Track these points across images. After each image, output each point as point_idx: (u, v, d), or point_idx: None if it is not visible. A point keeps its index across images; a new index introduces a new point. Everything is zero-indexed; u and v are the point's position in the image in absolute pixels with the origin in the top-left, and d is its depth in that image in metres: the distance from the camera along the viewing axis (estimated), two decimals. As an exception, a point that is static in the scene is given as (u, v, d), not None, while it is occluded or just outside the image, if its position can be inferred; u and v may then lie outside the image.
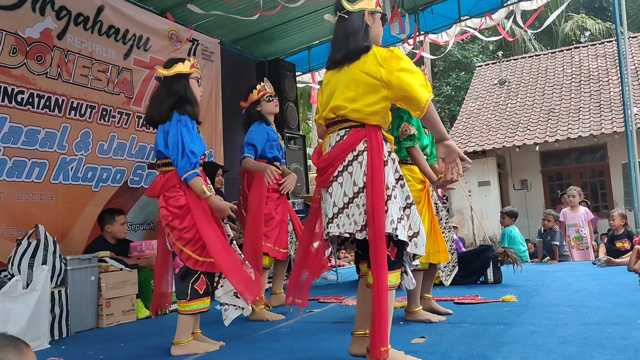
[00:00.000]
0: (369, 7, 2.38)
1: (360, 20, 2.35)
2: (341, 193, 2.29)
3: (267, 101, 3.95)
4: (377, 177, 2.22)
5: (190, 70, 3.02)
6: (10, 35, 4.19)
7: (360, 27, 2.34)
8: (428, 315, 3.37)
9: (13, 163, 4.17)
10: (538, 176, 13.41)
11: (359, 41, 2.32)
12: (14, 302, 3.17)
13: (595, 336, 2.69)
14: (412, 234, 2.28)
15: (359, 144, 2.29)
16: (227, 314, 2.96)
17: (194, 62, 3.08)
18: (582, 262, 6.83)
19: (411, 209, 2.32)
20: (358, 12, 2.37)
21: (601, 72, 14.23)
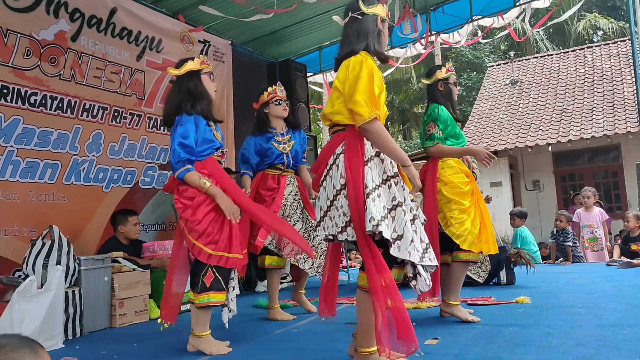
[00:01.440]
0: (382, 14, 2.42)
1: (374, 24, 2.40)
2: (325, 196, 2.34)
3: (275, 104, 3.96)
4: (354, 176, 2.22)
5: (200, 66, 3.02)
6: (24, 38, 4.23)
7: (374, 30, 2.39)
8: (464, 313, 3.35)
9: (26, 164, 4.21)
10: (551, 177, 13.31)
11: (376, 43, 2.38)
12: (29, 302, 3.19)
13: (611, 338, 2.66)
14: (395, 236, 2.21)
15: (338, 147, 2.32)
16: (225, 316, 3.01)
17: (204, 59, 3.08)
18: (596, 264, 6.76)
19: (396, 211, 2.24)
20: (372, 15, 2.40)
21: (614, 72, 14.09)
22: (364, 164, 2.25)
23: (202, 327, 2.91)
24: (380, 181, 2.26)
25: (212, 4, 5.59)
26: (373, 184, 2.23)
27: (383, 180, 2.28)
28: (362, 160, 2.25)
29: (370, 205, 2.16)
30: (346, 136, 2.31)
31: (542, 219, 12.09)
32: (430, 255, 2.28)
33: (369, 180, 2.22)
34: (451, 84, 3.56)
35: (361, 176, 2.22)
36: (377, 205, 2.18)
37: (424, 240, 2.30)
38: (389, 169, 2.31)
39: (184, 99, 2.95)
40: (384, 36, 2.44)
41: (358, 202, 2.19)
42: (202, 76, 3.02)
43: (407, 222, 2.22)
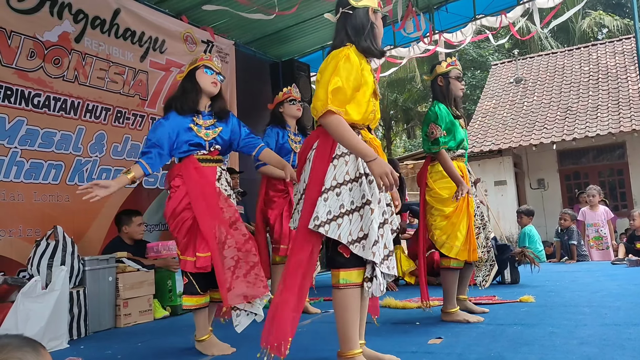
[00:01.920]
0: (373, 5, 2.34)
1: (366, 16, 2.32)
2: (298, 189, 2.36)
3: (290, 103, 4.05)
4: (314, 174, 2.21)
5: (197, 63, 3.03)
6: (28, 39, 4.24)
7: (366, 23, 2.31)
8: (465, 316, 3.33)
9: (30, 165, 4.23)
10: (555, 175, 13.26)
11: (369, 36, 2.30)
12: (34, 302, 3.21)
13: (615, 337, 2.65)
14: (362, 235, 2.14)
15: (314, 143, 2.30)
16: (239, 319, 2.88)
17: (204, 56, 3.08)
18: (601, 262, 6.74)
19: (364, 209, 2.16)
20: (363, 8, 2.32)
21: (619, 70, 14.03)
22: (328, 161, 2.20)
23: (198, 330, 2.93)
24: (350, 178, 2.20)
25: (215, 4, 5.60)
26: (335, 181, 2.18)
27: (355, 177, 2.20)
28: (327, 158, 2.21)
29: (319, 204, 2.14)
30: (321, 132, 2.27)
31: (547, 218, 12.05)
32: (390, 264, 2.21)
33: (328, 178, 2.18)
34: (452, 78, 3.46)
35: (322, 174, 2.19)
36: (328, 205, 2.14)
37: (388, 247, 2.23)
38: (365, 167, 2.22)
39: (177, 97, 3.03)
40: (378, 28, 2.36)
41: (312, 199, 2.17)
42: (197, 72, 3.02)
43: (374, 223, 2.15)
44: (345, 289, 2.20)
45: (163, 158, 2.93)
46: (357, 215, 2.17)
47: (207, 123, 3.00)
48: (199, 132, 2.95)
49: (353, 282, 2.20)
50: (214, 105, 3.08)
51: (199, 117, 2.98)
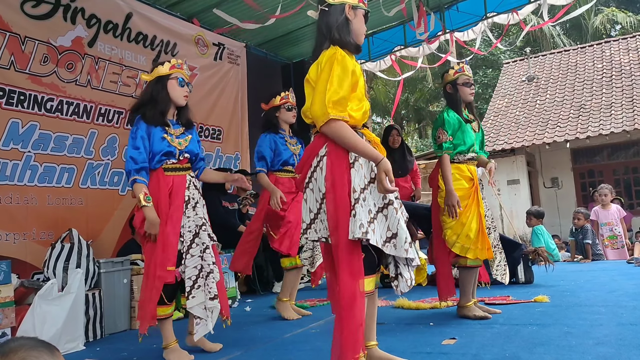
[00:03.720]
0: (351, 1, 2.31)
1: (342, 13, 2.29)
2: (313, 199, 2.28)
3: (287, 109, 4.01)
4: (339, 182, 2.15)
5: (169, 71, 2.98)
6: (42, 44, 4.30)
7: (343, 20, 2.28)
8: (477, 311, 3.39)
9: (44, 169, 4.28)
10: (569, 174, 13.14)
11: (343, 33, 2.27)
12: (50, 305, 3.25)
13: (631, 337, 2.62)
14: (390, 235, 2.16)
15: (320, 149, 2.24)
16: (197, 328, 2.94)
17: (175, 63, 3.03)
18: (616, 261, 6.66)
19: (388, 209, 2.17)
20: (339, 5, 2.29)
21: (633, 67, 13.87)
22: (349, 167, 2.17)
23: (164, 339, 2.96)
24: (367, 182, 2.19)
25: (225, 7, 5.63)
26: (360, 186, 2.15)
27: (371, 179, 2.20)
28: (346, 164, 2.17)
29: (359, 211, 2.10)
30: (327, 138, 2.22)
31: (561, 217, 11.95)
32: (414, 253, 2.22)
33: (356, 183, 2.15)
34: (460, 85, 3.50)
35: (347, 180, 2.15)
36: (364, 210, 2.12)
37: (408, 240, 2.22)
38: (375, 166, 2.20)
39: (145, 103, 2.97)
40: (355, 24, 2.31)
41: (343, 207, 2.12)
42: (169, 82, 2.97)
43: (400, 220, 2.16)
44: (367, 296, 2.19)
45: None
46: (381, 216, 2.17)
47: (177, 132, 2.99)
48: (172, 141, 2.95)
49: (367, 291, 2.18)
50: (182, 114, 3.07)
51: (169, 126, 2.98)
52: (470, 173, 3.45)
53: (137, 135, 2.89)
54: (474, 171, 3.51)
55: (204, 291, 2.92)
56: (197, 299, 2.90)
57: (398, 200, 2.31)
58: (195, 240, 2.95)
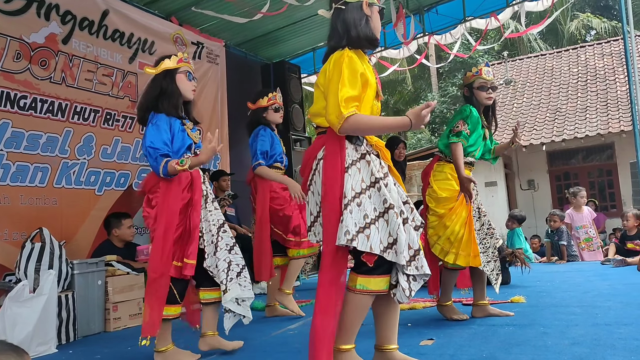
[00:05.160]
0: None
1: (359, 10, 2.25)
2: (314, 202, 2.27)
3: (274, 110, 4.00)
4: (330, 186, 2.13)
5: (177, 65, 2.93)
6: (14, 41, 4.20)
7: (361, 17, 2.24)
8: (454, 313, 3.42)
9: (17, 168, 4.18)
10: (545, 176, 13.34)
11: (363, 29, 2.23)
12: (21, 307, 3.16)
13: (606, 337, 2.65)
14: (392, 240, 2.08)
15: (319, 152, 2.23)
16: (229, 321, 2.90)
17: (182, 57, 2.98)
18: (591, 262, 6.77)
19: (389, 214, 2.09)
20: (356, 2, 2.25)
21: (607, 71, 14.14)
22: (343, 172, 2.13)
23: (162, 341, 2.85)
24: (366, 186, 2.15)
25: (205, 5, 5.58)
26: (353, 192, 2.11)
27: (371, 183, 2.15)
28: (340, 168, 2.14)
29: (346, 218, 2.06)
30: (326, 140, 2.21)
31: (537, 219, 12.10)
32: (418, 264, 2.11)
33: (347, 189, 2.11)
34: (475, 88, 3.44)
35: (338, 186, 2.12)
36: (354, 217, 2.07)
37: (413, 247, 2.12)
38: (377, 171, 2.18)
39: (158, 97, 2.89)
40: (374, 21, 2.27)
41: (333, 213, 2.10)
42: (177, 75, 2.92)
43: (402, 226, 2.09)
44: (361, 294, 2.14)
45: None
46: (382, 222, 2.10)
47: (190, 126, 2.95)
48: (190, 134, 2.90)
49: (370, 290, 2.13)
50: (189, 109, 3.03)
51: (184, 119, 2.93)
52: None
53: (160, 127, 2.78)
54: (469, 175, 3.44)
55: (237, 284, 2.84)
56: (232, 292, 2.81)
57: (408, 204, 2.25)
58: (220, 234, 2.89)
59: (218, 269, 2.82)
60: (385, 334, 2.27)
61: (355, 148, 2.20)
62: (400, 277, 2.11)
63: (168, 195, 2.78)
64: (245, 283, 2.88)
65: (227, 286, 2.83)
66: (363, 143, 2.23)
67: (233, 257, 2.89)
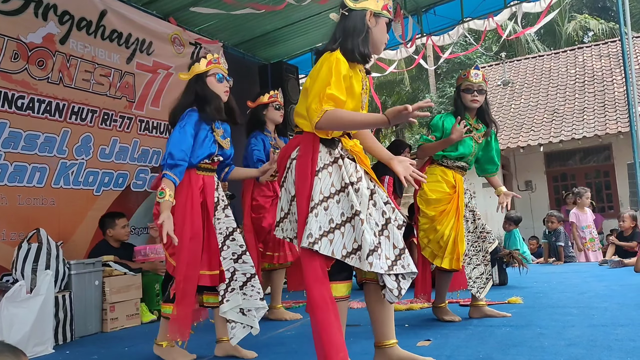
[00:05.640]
0: (373, 8, 2.21)
1: (362, 20, 2.20)
2: (285, 199, 2.28)
3: (275, 108, 3.98)
4: (299, 188, 2.14)
5: (205, 68, 2.92)
6: (12, 41, 4.19)
7: (361, 27, 2.19)
8: (447, 314, 3.44)
9: (14, 168, 4.17)
10: (543, 177, 13.36)
11: (359, 43, 2.18)
12: (18, 307, 3.16)
13: (602, 338, 2.66)
14: (357, 246, 2.07)
15: (293, 152, 2.23)
16: (234, 332, 2.79)
17: (212, 58, 2.95)
18: (588, 263, 6.79)
19: (355, 220, 2.08)
20: (360, 11, 2.20)
21: (605, 72, 14.17)
22: (313, 174, 2.13)
23: (162, 336, 2.86)
24: (335, 190, 2.13)
25: (203, 5, 5.57)
26: (321, 195, 2.11)
27: (341, 187, 2.13)
28: (311, 170, 2.13)
29: (311, 221, 2.07)
30: (301, 141, 2.21)
31: (534, 220, 12.12)
32: (404, 262, 2.10)
33: (316, 192, 2.11)
34: (462, 91, 3.45)
35: (307, 188, 2.12)
36: (319, 220, 2.08)
37: (397, 246, 2.11)
38: (350, 174, 2.16)
39: (193, 102, 2.88)
40: (375, 33, 2.23)
41: (301, 214, 2.12)
42: (208, 79, 2.91)
43: (366, 233, 2.05)
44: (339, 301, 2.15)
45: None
46: (349, 227, 2.09)
47: (220, 132, 2.92)
48: (218, 141, 2.88)
49: (338, 296, 2.15)
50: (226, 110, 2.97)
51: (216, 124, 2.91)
52: (455, 181, 3.38)
53: (186, 130, 2.74)
54: (460, 180, 3.42)
55: (240, 294, 2.80)
56: (232, 302, 2.78)
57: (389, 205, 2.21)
58: (227, 243, 2.85)
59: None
60: (382, 330, 2.28)
61: (329, 151, 2.18)
62: (385, 279, 2.08)
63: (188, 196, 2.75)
64: (252, 292, 2.81)
65: (226, 296, 2.79)
66: (337, 147, 2.20)
67: (239, 267, 2.83)
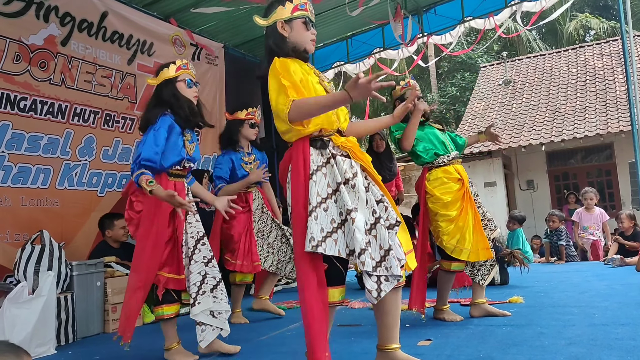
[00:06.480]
0: (283, 17, 2.29)
1: (274, 33, 2.30)
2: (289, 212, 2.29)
3: (250, 126, 3.99)
4: (294, 193, 2.16)
5: (175, 74, 2.92)
6: (14, 43, 4.21)
7: (273, 42, 2.30)
8: (449, 314, 3.44)
9: (18, 169, 4.20)
10: (544, 176, 13.35)
11: (285, 48, 2.27)
12: (20, 308, 3.17)
13: (603, 337, 2.66)
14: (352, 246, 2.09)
15: (289, 164, 2.25)
16: (204, 335, 2.81)
17: (181, 64, 2.96)
18: (590, 262, 6.79)
19: (348, 219, 2.08)
20: (272, 25, 2.30)
21: (607, 71, 14.15)
22: (307, 178, 2.14)
23: (168, 339, 2.91)
24: (332, 190, 2.14)
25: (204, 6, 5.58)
26: (319, 197, 2.12)
27: (337, 186, 2.14)
28: (304, 176, 2.15)
29: (311, 224, 2.07)
30: (291, 151, 2.24)
31: (536, 219, 12.12)
32: (388, 264, 2.07)
33: (312, 195, 2.11)
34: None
35: (302, 193, 2.13)
36: (320, 223, 2.08)
37: (383, 247, 2.09)
38: (344, 172, 2.17)
39: (163, 107, 2.88)
40: (293, 36, 2.28)
41: (299, 220, 2.13)
42: (177, 84, 2.92)
43: (357, 232, 2.05)
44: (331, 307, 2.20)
45: None
46: (347, 225, 2.10)
47: (189, 137, 2.94)
48: (186, 147, 2.89)
49: (331, 302, 2.19)
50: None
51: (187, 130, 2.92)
52: (458, 173, 3.40)
53: (160, 133, 2.76)
54: (462, 169, 3.45)
55: (210, 297, 2.84)
56: (203, 305, 2.81)
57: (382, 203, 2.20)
58: (198, 246, 2.87)
59: (189, 282, 2.83)
60: (386, 334, 2.26)
61: (321, 153, 2.20)
62: (365, 279, 2.08)
63: (157, 204, 2.76)
64: (221, 296, 2.88)
65: (197, 299, 2.81)
66: (328, 146, 2.21)
67: (209, 270, 2.87)
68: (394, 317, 2.26)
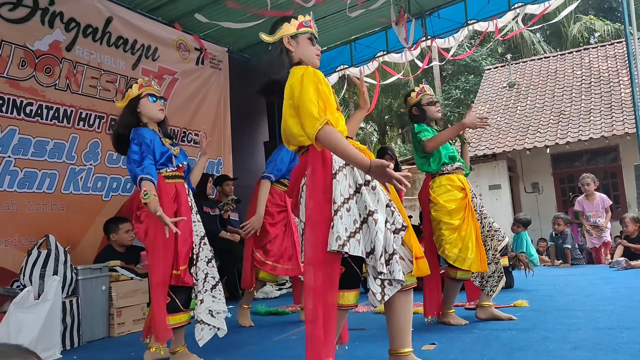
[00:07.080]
0: (289, 32, 2.33)
1: (279, 49, 2.32)
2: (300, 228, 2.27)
3: None
4: (314, 196, 2.12)
5: (138, 91, 2.98)
6: (19, 48, 4.25)
7: (278, 57, 2.31)
8: (454, 319, 3.44)
9: (24, 174, 4.22)
10: (549, 179, 13.31)
11: (276, 74, 2.29)
12: (26, 313, 3.19)
13: (608, 341, 2.65)
14: (371, 248, 2.08)
15: (305, 171, 2.23)
16: (202, 334, 2.85)
17: (143, 82, 3.02)
18: (595, 266, 6.76)
19: (369, 220, 2.09)
20: (278, 41, 2.33)
21: (611, 73, 14.11)
22: (331, 178, 2.13)
23: (173, 343, 2.92)
24: (353, 191, 2.14)
25: (207, 12, 5.61)
26: (342, 197, 2.10)
27: (357, 188, 2.14)
28: (325, 176, 2.14)
29: (337, 223, 2.06)
30: (309, 156, 2.20)
31: (541, 222, 12.07)
32: (391, 268, 2.07)
33: (337, 195, 2.10)
34: (425, 105, 3.53)
35: (327, 192, 2.11)
36: (344, 222, 2.07)
37: (387, 251, 2.09)
38: (362, 175, 2.16)
39: (136, 122, 2.95)
40: (299, 51, 2.31)
41: (319, 221, 2.09)
42: (141, 100, 2.97)
43: (379, 233, 2.06)
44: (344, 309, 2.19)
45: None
46: (366, 227, 2.11)
47: (168, 141, 2.99)
48: (171, 149, 2.95)
49: (346, 304, 2.18)
50: (163, 128, 3.06)
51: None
52: (461, 182, 3.40)
53: (141, 142, 2.83)
54: (465, 180, 3.46)
55: (210, 296, 2.90)
56: (205, 303, 2.88)
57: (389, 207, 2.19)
58: (201, 245, 2.96)
59: (197, 279, 2.90)
60: (399, 338, 2.25)
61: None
62: (370, 282, 2.10)
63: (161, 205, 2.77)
64: (219, 296, 2.93)
65: (199, 297, 2.88)
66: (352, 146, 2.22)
67: (210, 270, 2.95)
68: (406, 320, 2.26)
